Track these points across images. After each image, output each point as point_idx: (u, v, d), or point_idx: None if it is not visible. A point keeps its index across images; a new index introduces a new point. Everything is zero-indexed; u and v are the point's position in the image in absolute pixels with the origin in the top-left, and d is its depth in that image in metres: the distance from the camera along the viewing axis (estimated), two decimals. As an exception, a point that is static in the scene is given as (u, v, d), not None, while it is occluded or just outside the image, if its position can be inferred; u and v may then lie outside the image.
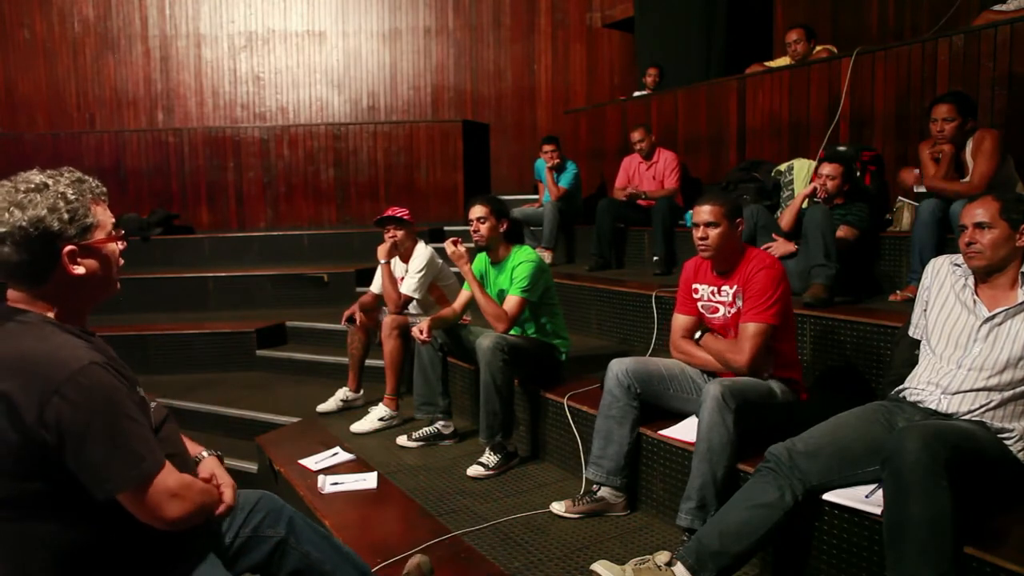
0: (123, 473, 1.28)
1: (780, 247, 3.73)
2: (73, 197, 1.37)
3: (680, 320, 2.78)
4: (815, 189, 3.75)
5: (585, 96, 8.66)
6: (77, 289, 1.41)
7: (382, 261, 4.02)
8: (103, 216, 1.43)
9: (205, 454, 1.66)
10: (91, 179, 1.44)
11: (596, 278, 4.83)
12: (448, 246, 3.40)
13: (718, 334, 2.67)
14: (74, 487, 1.30)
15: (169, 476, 1.35)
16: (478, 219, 3.37)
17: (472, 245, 3.47)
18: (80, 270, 1.39)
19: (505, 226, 3.42)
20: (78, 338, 1.37)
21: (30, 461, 1.27)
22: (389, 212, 4.06)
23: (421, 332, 3.35)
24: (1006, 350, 1.96)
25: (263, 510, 1.72)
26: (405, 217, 4.04)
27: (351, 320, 4.14)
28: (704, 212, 2.59)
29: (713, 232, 2.57)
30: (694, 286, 2.75)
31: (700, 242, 2.60)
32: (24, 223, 1.31)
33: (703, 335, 2.70)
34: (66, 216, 1.35)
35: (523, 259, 3.34)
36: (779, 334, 2.53)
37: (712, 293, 2.67)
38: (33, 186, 1.35)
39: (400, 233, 4.01)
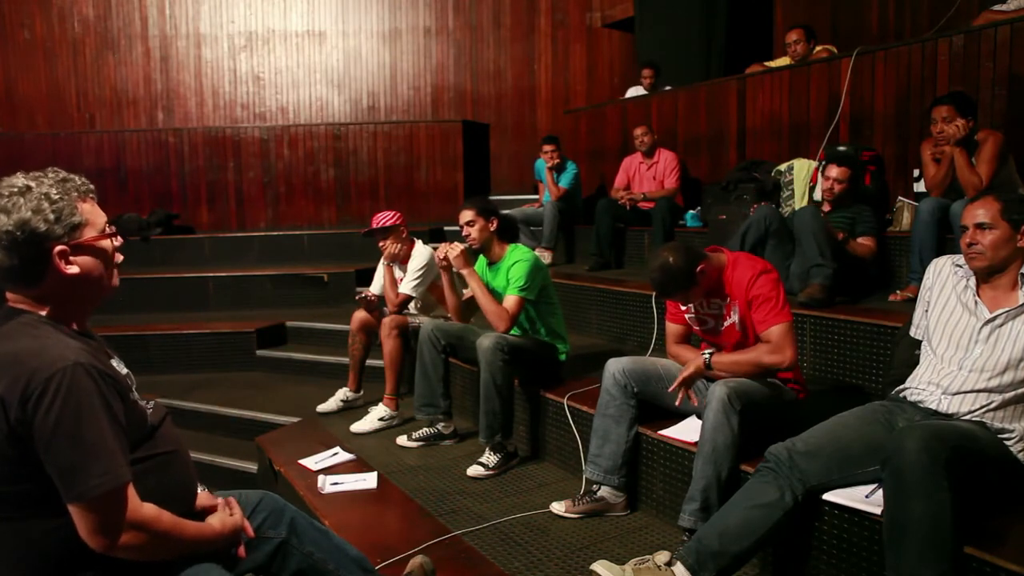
0: (82, 482, 1.25)
1: None
2: (57, 196, 1.36)
3: (672, 328, 2.76)
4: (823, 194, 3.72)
5: (585, 96, 8.65)
6: (74, 288, 1.40)
7: (384, 262, 4.04)
8: (92, 214, 1.42)
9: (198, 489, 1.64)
10: (77, 177, 1.42)
11: (596, 278, 4.83)
12: (437, 254, 3.37)
13: (715, 345, 2.63)
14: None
15: (132, 498, 1.30)
16: (467, 223, 3.38)
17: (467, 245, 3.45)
18: (74, 269, 1.38)
19: (495, 224, 3.41)
20: (72, 338, 1.37)
21: (18, 460, 1.27)
22: (373, 222, 4.06)
23: (452, 249, 3.29)
24: (1007, 352, 1.96)
25: (264, 511, 1.72)
26: (389, 223, 4.01)
27: (368, 305, 4.08)
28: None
29: (688, 300, 2.55)
30: None
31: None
32: (10, 227, 1.32)
33: (713, 353, 2.57)
34: (51, 216, 1.34)
35: (518, 258, 3.34)
36: None
37: (701, 304, 2.62)
38: (16, 189, 1.34)
39: (389, 240, 4.01)
